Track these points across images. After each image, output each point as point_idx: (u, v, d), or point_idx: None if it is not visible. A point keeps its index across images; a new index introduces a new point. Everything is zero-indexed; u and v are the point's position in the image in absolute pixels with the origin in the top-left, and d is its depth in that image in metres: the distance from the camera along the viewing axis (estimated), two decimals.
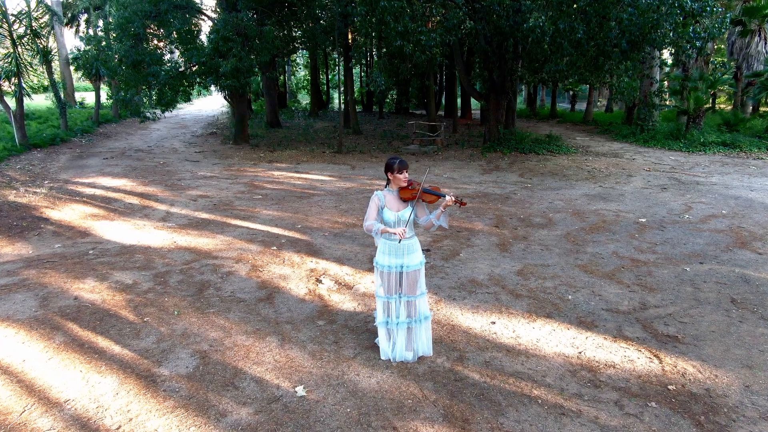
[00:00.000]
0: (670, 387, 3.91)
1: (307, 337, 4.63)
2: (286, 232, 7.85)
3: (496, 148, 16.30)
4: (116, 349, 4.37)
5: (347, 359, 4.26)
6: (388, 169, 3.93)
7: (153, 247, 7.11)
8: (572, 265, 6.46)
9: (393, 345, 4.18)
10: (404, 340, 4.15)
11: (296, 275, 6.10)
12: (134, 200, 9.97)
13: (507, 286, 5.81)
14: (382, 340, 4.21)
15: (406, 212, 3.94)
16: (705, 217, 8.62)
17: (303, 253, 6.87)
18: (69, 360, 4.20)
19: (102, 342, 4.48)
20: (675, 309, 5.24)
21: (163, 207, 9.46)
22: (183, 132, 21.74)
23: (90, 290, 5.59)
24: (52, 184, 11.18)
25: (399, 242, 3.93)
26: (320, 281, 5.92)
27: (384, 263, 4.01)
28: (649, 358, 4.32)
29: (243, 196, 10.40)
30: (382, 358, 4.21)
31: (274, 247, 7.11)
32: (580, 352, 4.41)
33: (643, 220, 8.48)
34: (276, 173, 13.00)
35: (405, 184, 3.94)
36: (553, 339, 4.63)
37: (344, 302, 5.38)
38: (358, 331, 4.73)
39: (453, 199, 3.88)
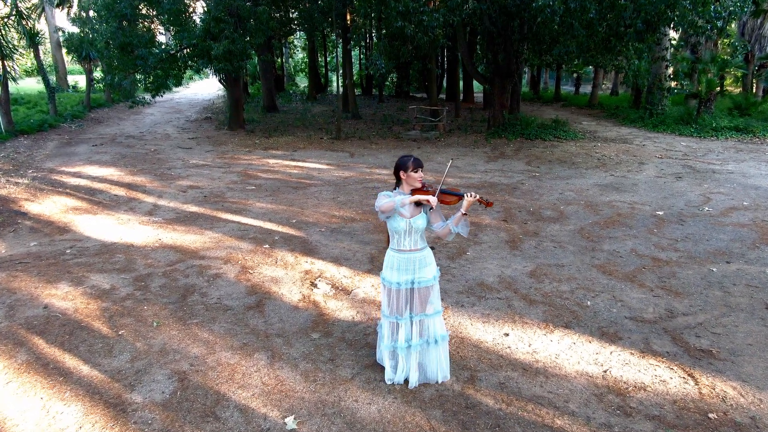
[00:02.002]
0: (710, 415, 3.43)
1: (299, 353, 4.14)
2: (280, 228, 7.34)
3: (500, 133, 15.70)
4: (84, 369, 3.89)
5: (344, 381, 3.78)
6: (401, 168, 3.36)
7: (135, 246, 6.60)
8: (589, 265, 5.96)
9: (399, 368, 3.67)
10: (415, 363, 3.63)
11: (289, 278, 5.60)
12: (120, 191, 9.43)
13: (519, 290, 5.32)
14: (385, 360, 3.72)
15: (420, 218, 3.40)
16: (726, 209, 8.10)
17: (297, 252, 6.37)
18: (30, 384, 3.72)
19: (69, 361, 4.00)
20: (705, 317, 4.76)
21: (150, 199, 8.92)
22: (177, 117, 21.09)
23: (62, 297, 5.09)
24: (35, 174, 10.64)
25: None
26: (315, 285, 5.42)
27: (393, 279, 3.48)
28: (683, 378, 3.84)
29: (235, 186, 9.87)
30: (387, 381, 3.72)
31: (267, 245, 6.60)
32: (605, 371, 3.93)
33: (661, 213, 7.96)
34: (271, 161, 12.44)
35: (419, 185, 3.40)
36: (574, 354, 4.15)
37: (341, 310, 4.89)
38: (357, 346, 4.25)
39: (476, 197, 3.32)
